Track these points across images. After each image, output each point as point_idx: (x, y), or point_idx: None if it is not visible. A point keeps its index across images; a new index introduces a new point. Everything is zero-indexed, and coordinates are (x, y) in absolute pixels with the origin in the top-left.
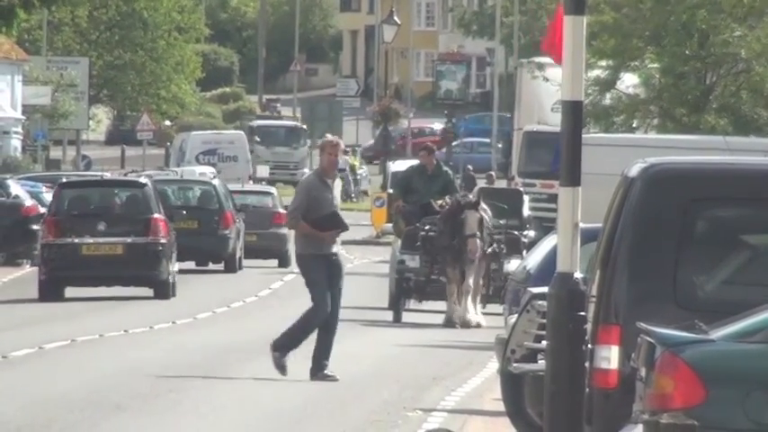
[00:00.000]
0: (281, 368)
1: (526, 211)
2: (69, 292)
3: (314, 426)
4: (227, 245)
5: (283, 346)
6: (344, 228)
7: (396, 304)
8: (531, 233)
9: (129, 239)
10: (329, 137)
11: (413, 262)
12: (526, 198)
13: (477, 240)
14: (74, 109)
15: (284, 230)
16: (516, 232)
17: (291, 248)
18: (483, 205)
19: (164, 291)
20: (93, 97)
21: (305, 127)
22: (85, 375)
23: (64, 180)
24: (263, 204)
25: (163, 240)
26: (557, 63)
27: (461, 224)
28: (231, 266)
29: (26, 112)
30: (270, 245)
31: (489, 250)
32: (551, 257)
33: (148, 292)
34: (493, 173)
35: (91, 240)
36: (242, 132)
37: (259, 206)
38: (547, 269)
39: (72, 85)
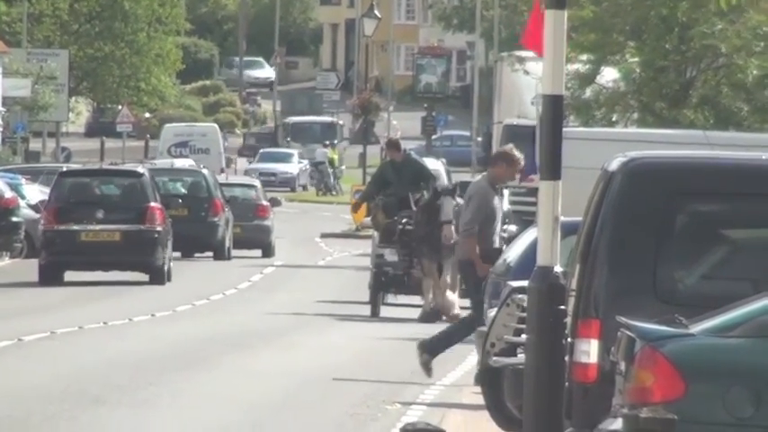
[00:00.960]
0: (428, 370)
1: (506, 206)
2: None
3: (293, 419)
4: (217, 232)
5: (434, 349)
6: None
7: (374, 298)
8: (513, 227)
9: (126, 227)
10: (516, 153)
11: (391, 256)
12: (506, 192)
13: (453, 227)
14: (53, 101)
15: (268, 222)
16: None
17: (274, 239)
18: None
19: (159, 276)
20: (73, 89)
21: (341, 122)
22: (64, 367)
23: (64, 169)
24: (247, 197)
25: (159, 228)
26: (539, 56)
27: (437, 210)
28: (221, 254)
29: (6, 104)
30: (254, 236)
31: None
32: (531, 251)
33: (144, 278)
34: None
35: (89, 227)
36: (215, 125)
37: (243, 198)
38: (527, 263)
39: (52, 77)
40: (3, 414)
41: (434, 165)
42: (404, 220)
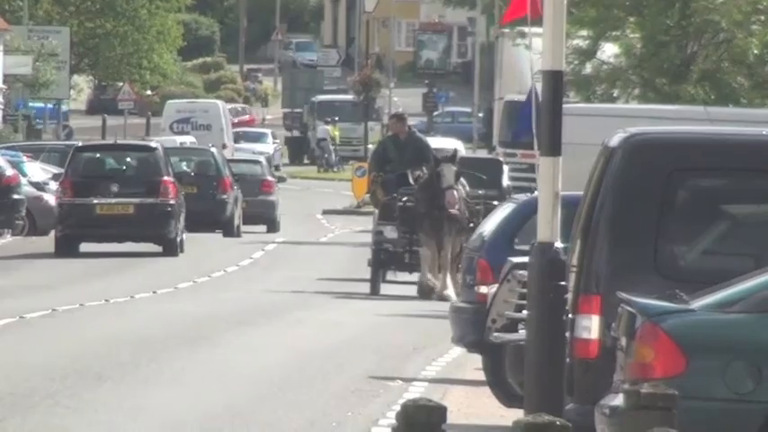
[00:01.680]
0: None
1: (506, 182)
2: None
3: (295, 395)
4: (225, 209)
5: None
6: None
7: (374, 276)
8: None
9: (140, 200)
10: None
11: (391, 233)
12: (506, 168)
13: (455, 192)
14: (55, 78)
15: (273, 198)
16: (495, 203)
17: (279, 214)
18: (461, 179)
19: (172, 248)
20: (74, 66)
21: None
22: (66, 345)
23: (80, 144)
24: (252, 173)
25: (172, 201)
26: (533, 18)
27: (438, 177)
28: (230, 231)
29: (7, 81)
30: (259, 211)
31: (471, 225)
32: (504, 225)
33: (157, 249)
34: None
35: (104, 200)
36: (217, 101)
37: (249, 174)
38: (500, 237)
39: (53, 54)
40: (5, 392)
41: (453, 144)
42: (404, 198)
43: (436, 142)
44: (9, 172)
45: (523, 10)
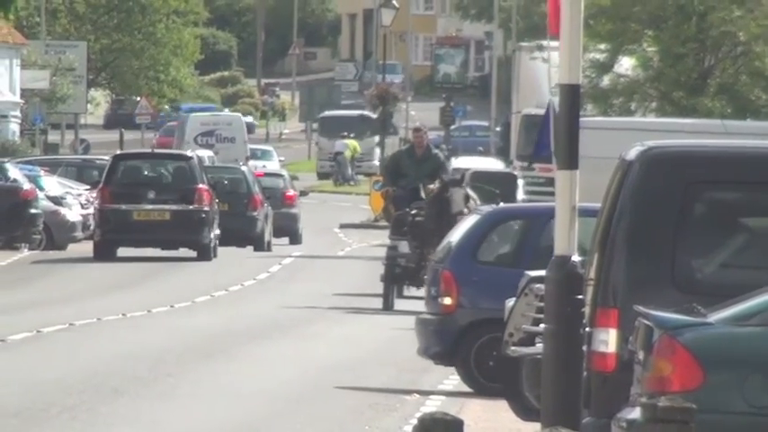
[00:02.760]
0: None
1: (520, 195)
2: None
3: (312, 409)
4: (256, 225)
5: None
6: None
7: (386, 291)
8: None
9: (175, 206)
10: None
11: (404, 248)
12: (520, 182)
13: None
14: (72, 93)
15: (295, 210)
16: None
17: (301, 227)
18: (470, 192)
19: (206, 253)
20: (91, 81)
21: (374, 116)
22: (83, 359)
23: (118, 152)
24: (275, 186)
25: (206, 208)
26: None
27: (447, 202)
28: (260, 246)
29: (24, 96)
30: (282, 224)
31: None
32: (468, 237)
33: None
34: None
35: (141, 207)
36: (239, 114)
37: (272, 188)
38: (463, 249)
39: (70, 68)
40: (22, 406)
41: (493, 164)
42: (413, 212)
43: (474, 162)
44: (26, 186)
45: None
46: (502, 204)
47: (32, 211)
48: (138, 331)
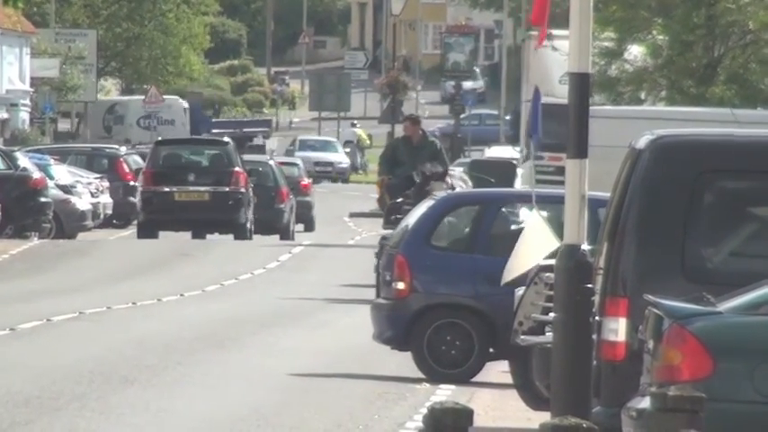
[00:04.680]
0: None
1: (518, 184)
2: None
3: (322, 398)
4: (283, 217)
5: None
6: None
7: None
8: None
9: (214, 188)
10: None
11: None
12: (519, 171)
13: None
14: (82, 81)
15: (309, 198)
16: None
17: (316, 214)
18: (464, 177)
19: (242, 233)
20: (101, 70)
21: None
22: (93, 348)
23: (160, 138)
24: (289, 174)
25: (242, 190)
26: (535, 26)
27: (427, 196)
28: (286, 236)
29: (34, 84)
30: (298, 211)
31: None
32: (422, 223)
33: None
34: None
35: (182, 189)
36: (178, 97)
37: (287, 176)
38: (417, 234)
39: (80, 57)
40: (32, 395)
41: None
42: (399, 200)
43: (503, 152)
44: (36, 175)
45: (542, 22)
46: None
47: (42, 199)
48: (148, 320)
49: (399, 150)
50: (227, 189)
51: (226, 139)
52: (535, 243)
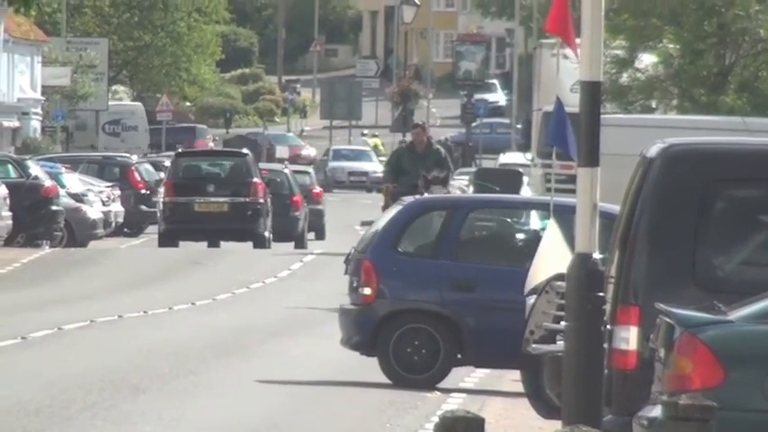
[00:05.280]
0: None
1: (525, 193)
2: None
3: (333, 405)
4: (297, 225)
5: None
6: None
7: None
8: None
9: (233, 199)
10: None
11: None
12: (525, 179)
13: None
14: (93, 90)
15: (321, 206)
16: None
17: (326, 222)
18: (463, 186)
19: (261, 243)
20: (112, 78)
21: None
22: (104, 356)
23: (180, 150)
24: (301, 182)
25: (261, 201)
26: (567, 44)
27: None
28: (300, 244)
29: (45, 92)
30: (309, 219)
31: None
32: (389, 228)
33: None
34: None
35: (202, 199)
36: (140, 104)
37: (299, 184)
38: (384, 240)
39: (91, 65)
40: (43, 403)
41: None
42: None
43: (507, 158)
44: (47, 183)
45: (561, 30)
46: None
47: (53, 208)
48: (160, 328)
49: (404, 158)
50: (246, 200)
51: (244, 150)
52: (553, 254)
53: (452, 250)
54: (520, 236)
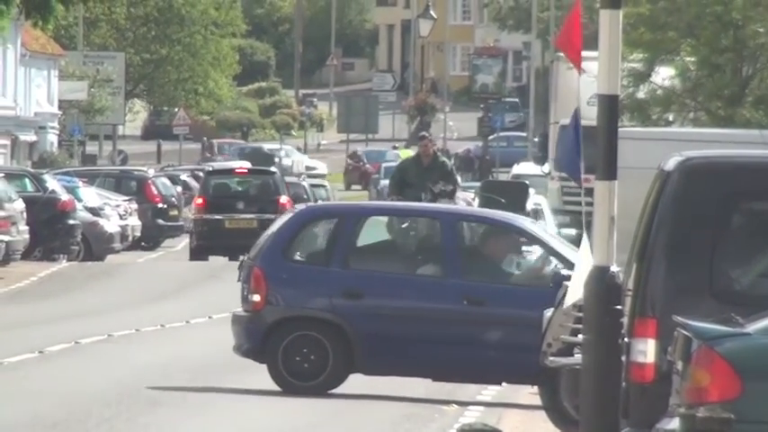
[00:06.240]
0: None
1: (530, 205)
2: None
3: (351, 420)
4: None
5: None
6: None
7: None
8: (572, 231)
9: (261, 216)
10: None
11: None
12: (532, 191)
13: None
14: (110, 104)
15: None
16: None
17: None
18: (468, 199)
19: None
20: (129, 92)
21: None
22: (122, 370)
23: (210, 169)
24: (319, 196)
25: None
26: (572, 63)
27: None
28: None
29: (62, 107)
30: None
31: None
32: (279, 235)
33: None
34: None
35: (232, 216)
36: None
37: (316, 198)
38: (275, 247)
39: (108, 80)
40: (60, 417)
41: (531, 168)
42: None
43: (521, 168)
44: (64, 197)
45: (566, 47)
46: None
47: (70, 221)
48: (177, 342)
49: (409, 171)
50: (274, 216)
51: (272, 168)
52: (585, 267)
53: (343, 258)
54: (411, 243)
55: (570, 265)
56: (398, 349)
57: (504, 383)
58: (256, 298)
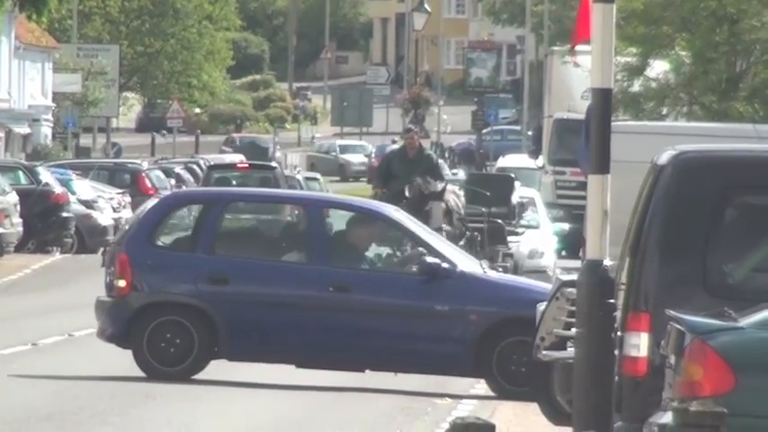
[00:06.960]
0: None
1: (515, 199)
2: None
3: (344, 412)
4: None
5: None
6: None
7: None
8: (566, 226)
9: None
10: None
11: None
12: (517, 184)
13: (443, 233)
14: (104, 96)
15: None
16: (500, 221)
17: None
18: (456, 190)
19: None
20: (123, 85)
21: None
22: (115, 363)
23: (211, 163)
24: (312, 189)
25: None
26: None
27: (427, 217)
28: None
29: (56, 99)
30: None
31: (462, 242)
32: (145, 221)
33: None
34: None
35: None
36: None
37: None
38: (140, 232)
39: (102, 72)
40: (53, 410)
41: (523, 161)
42: None
43: (507, 160)
44: (58, 190)
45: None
46: (184, 189)
47: (64, 214)
48: None
49: (394, 163)
50: None
51: (273, 164)
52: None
53: (209, 244)
54: (276, 230)
55: (435, 254)
56: (263, 335)
57: (367, 371)
58: (122, 283)
